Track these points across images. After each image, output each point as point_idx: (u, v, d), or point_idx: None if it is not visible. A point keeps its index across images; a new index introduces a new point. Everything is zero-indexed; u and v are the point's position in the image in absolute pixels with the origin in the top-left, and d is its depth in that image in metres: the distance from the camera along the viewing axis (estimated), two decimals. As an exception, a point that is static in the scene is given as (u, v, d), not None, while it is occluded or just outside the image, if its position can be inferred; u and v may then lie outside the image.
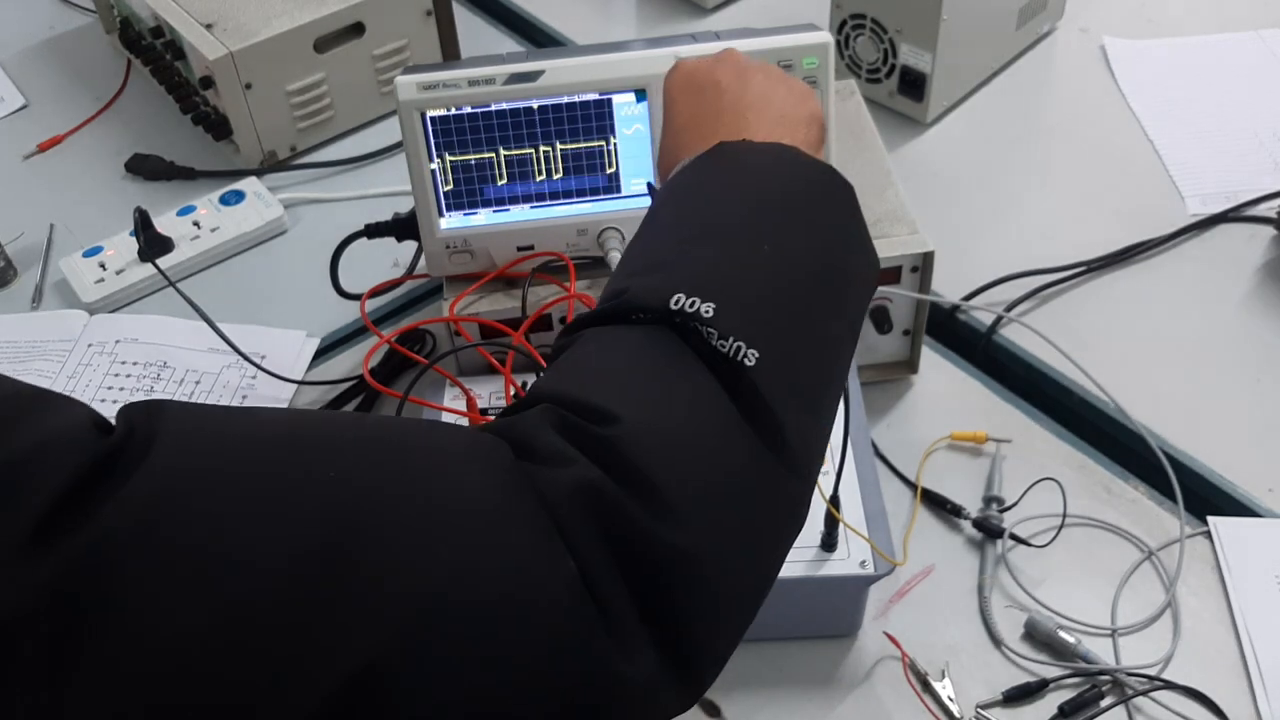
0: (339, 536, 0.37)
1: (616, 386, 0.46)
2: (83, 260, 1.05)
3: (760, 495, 0.46)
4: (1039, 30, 1.26)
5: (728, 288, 0.48)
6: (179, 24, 1.12)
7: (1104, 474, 0.86)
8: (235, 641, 0.35)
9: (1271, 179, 1.08)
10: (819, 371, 0.51)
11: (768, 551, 0.48)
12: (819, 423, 0.51)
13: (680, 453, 0.44)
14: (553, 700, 0.39)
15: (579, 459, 0.42)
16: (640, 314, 0.48)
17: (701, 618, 0.43)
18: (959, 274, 0.99)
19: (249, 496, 0.37)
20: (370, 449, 0.41)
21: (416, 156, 0.82)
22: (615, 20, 1.35)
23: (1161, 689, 0.73)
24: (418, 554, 0.38)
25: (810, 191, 0.55)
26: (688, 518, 0.43)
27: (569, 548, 0.40)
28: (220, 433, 0.39)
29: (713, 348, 0.46)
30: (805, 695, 0.74)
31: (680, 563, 0.42)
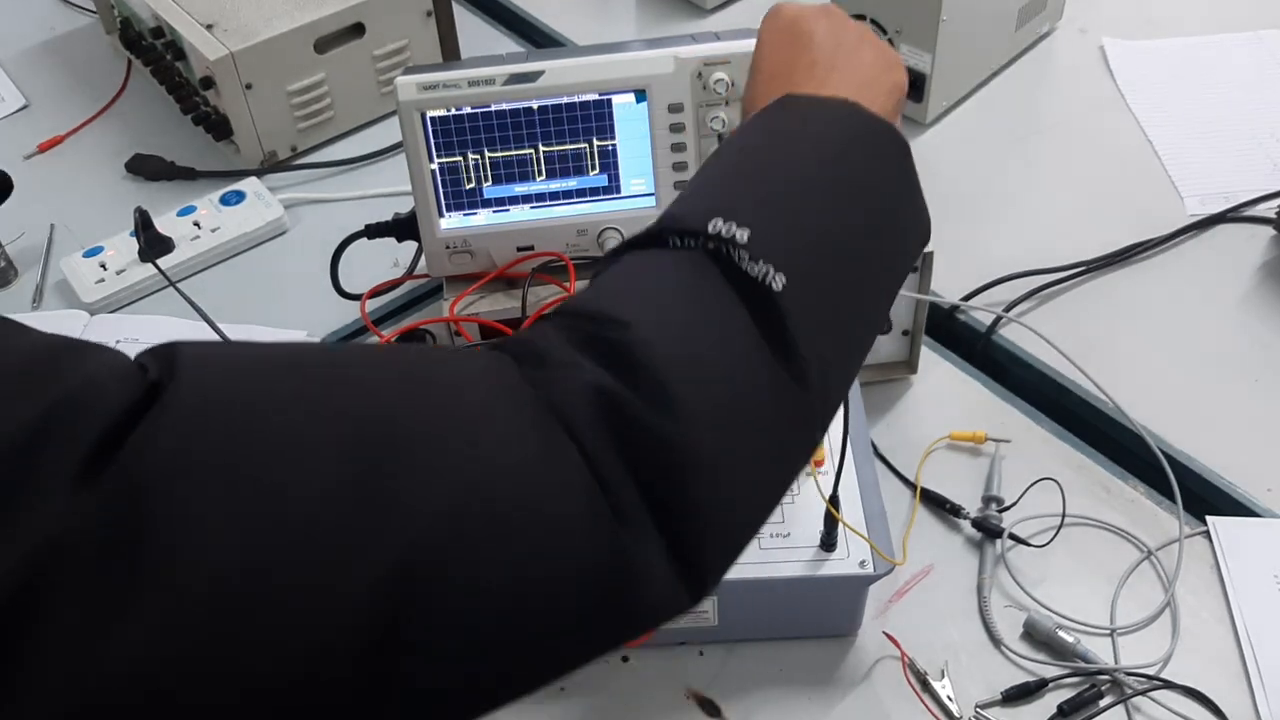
0: (372, 442, 0.39)
1: (633, 298, 0.48)
2: (83, 260, 1.05)
3: (770, 408, 0.47)
4: (1038, 31, 1.26)
5: (765, 216, 0.49)
6: (179, 24, 1.12)
7: (1103, 474, 0.86)
8: (284, 543, 0.36)
9: (1270, 179, 1.09)
10: (849, 309, 0.52)
11: (773, 465, 0.49)
12: (843, 358, 0.52)
13: (689, 356, 0.46)
14: (574, 582, 0.42)
15: (585, 363, 0.44)
16: (678, 237, 0.50)
17: (704, 513, 0.45)
18: (958, 274, 0.99)
19: (285, 412, 0.39)
20: (388, 368, 0.44)
21: (417, 157, 0.83)
22: (615, 21, 1.35)
23: (1160, 688, 0.73)
24: (441, 456, 0.40)
25: (865, 143, 0.56)
26: (693, 417, 0.44)
27: (576, 444, 0.42)
28: (249, 361, 0.41)
29: (743, 271, 0.47)
30: (805, 695, 0.75)
31: (684, 458, 0.44)
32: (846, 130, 0.56)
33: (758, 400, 0.47)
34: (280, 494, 0.37)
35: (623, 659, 0.77)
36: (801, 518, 0.74)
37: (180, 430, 0.36)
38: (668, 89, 0.81)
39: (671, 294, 0.48)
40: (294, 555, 0.36)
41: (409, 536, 0.38)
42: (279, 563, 0.36)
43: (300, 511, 0.37)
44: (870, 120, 0.56)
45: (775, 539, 0.73)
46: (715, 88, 0.81)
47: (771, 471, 0.49)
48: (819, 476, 0.74)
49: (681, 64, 0.81)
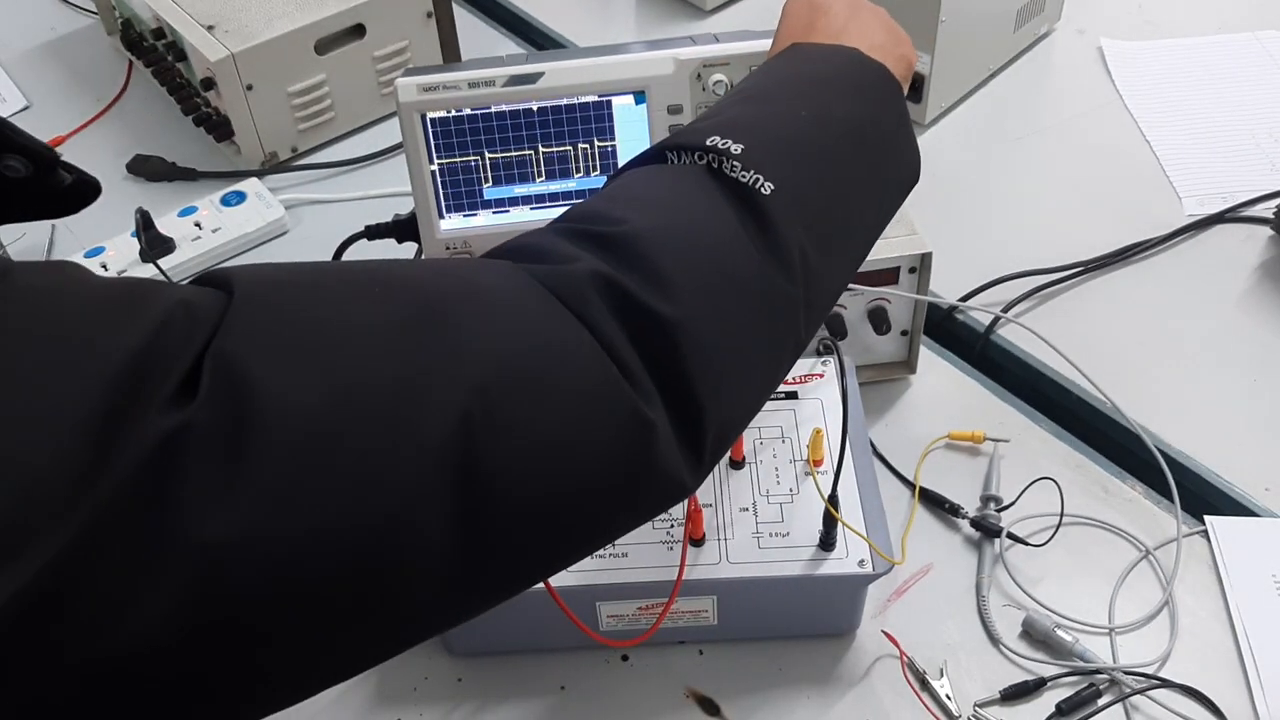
0: (418, 316, 0.44)
1: (630, 199, 0.53)
2: (84, 261, 1.05)
3: (758, 296, 0.51)
4: (1037, 32, 1.26)
5: (759, 133, 0.54)
6: (180, 25, 1.12)
7: (1101, 473, 0.86)
8: (361, 392, 0.41)
9: (1268, 179, 1.09)
10: (834, 222, 0.56)
11: (762, 350, 0.53)
12: (828, 265, 0.55)
13: (680, 245, 0.50)
14: (605, 435, 0.45)
15: (583, 254, 0.48)
16: (676, 152, 0.54)
17: (700, 384, 0.48)
18: (957, 274, 0.99)
19: (337, 298, 0.44)
20: (415, 266, 0.49)
21: (417, 158, 0.83)
22: (615, 22, 1.36)
23: (1159, 687, 0.73)
24: (479, 325, 0.44)
25: (858, 79, 0.61)
26: (685, 298, 0.48)
27: (583, 323, 0.46)
28: (294, 268, 0.45)
29: (733, 179, 0.52)
30: (804, 694, 0.75)
31: (679, 334, 0.47)
32: (842, 67, 0.61)
33: (746, 287, 0.51)
34: (350, 351, 0.41)
35: (623, 658, 0.77)
36: (800, 517, 0.74)
37: (251, 325, 0.40)
38: (667, 90, 0.82)
39: (664, 195, 0.53)
40: (371, 401, 0.41)
41: (468, 383, 0.42)
42: (360, 411, 0.40)
43: (369, 365, 0.41)
44: (866, 61, 0.61)
45: (774, 538, 0.73)
46: (715, 89, 0.81)
47: (760, 357, 0.53)
48: (818, 476, 0.75)
49: (681, 66, 0.81)
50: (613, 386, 0.46)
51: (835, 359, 0.82)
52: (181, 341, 0.39)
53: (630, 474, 0.47)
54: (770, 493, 0.76)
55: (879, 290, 0.87)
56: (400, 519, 0.40)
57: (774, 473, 0.77)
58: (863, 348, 0.91)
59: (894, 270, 0.87)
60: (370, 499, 0.40)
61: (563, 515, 0.46)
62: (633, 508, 0.49)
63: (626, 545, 0.73)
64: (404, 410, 0.41)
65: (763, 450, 0.78)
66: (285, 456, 0.38)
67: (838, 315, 0.88)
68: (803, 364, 0.82)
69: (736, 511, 0.75)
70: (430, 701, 0.76)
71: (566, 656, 0.77)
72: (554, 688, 0.76)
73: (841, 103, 0.59)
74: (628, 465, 0.46)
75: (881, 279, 0.87)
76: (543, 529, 0.45)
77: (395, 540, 0.40)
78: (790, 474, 0.77)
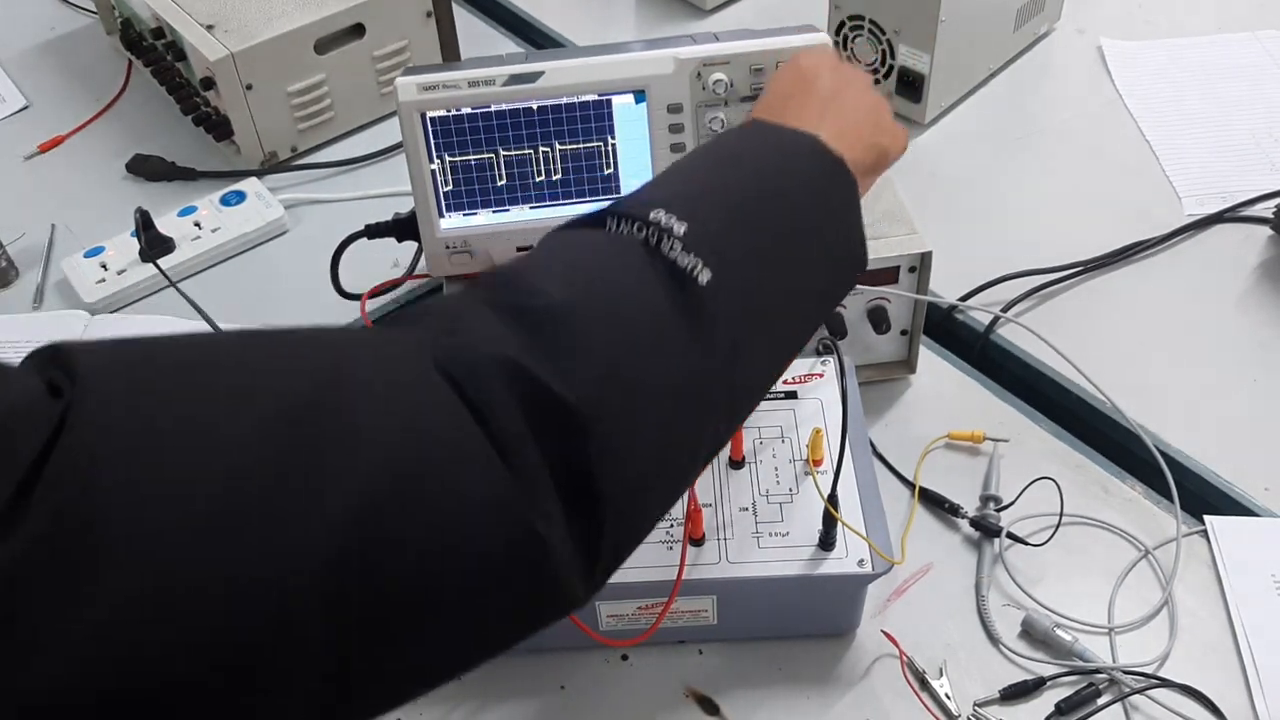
0: (292, 428, 0.39)
1: (556, 269, 0.49)
2: (84, 260, 1.05)
3: (680, 390, 0.49)
4: (1036, 31, 1.27)
5: (705, 216, 0.51)
6: (180, 25, 1.12)
7: (1101, 473, 0.86)
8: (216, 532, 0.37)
9: (1267, 179, 1.09)
10: (769, 316, 0.54)
11: (677, 444, 0.50)
12: (759, 361, 0.54)
13: (607, 332, 0.47)
14: (488, 556, 0.42)
15: (497, 327, 0.45)
16: (617, 220, 0.51)
17: (605, 480, 0.45)
18: (956, 274, 0.99)
19: (196, 409, 0.39)
20: (295, 352, 0.44)
21: (416, 157, 0.83)
22: (614, 22, 1.36)
23: (1158, 687, 0.73)
24: (354, 437, 0.40)
25: (811, 171, 0.58)
26: (605, 391, 0.45)
27: (480, 416, 0.43)
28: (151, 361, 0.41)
29: (671, 260, 0.49)
30: (803, 693, 0.75)
31: (586, 423, 0.44)
32: (798, 156, 0.58)
33: (669, 383, 0.48)
34: (204, 487, 0.37)
35: (622, 657, 0.77)
36: (800, 517, 0.74)
37: (93, 451, 0.36)
38: (667, 89, 0.82)
39: (597, 270, 0.50)
40: (234, 526, 0.37)
41: (342, 502, 0.39)
42: (220, 540, 0.37)
43: (226, 502, 0.37)
44: (823, 153, 0.59)
45: (774, 538, 0.73)
46: (714, 88, 0.81)
47: (675, 451, 0.50)
48: (818, 476, 0.75)
49: (681, 65, 0.81)
50: (505, 502, 0.43)
51: (835, 358, 0.82)
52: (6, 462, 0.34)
53: (516, 585, 0.44)
54: (770, 492, 0.76)
55: (879, 290, 0.87)
56: (263, 657, 0.37)
57: (774, 472, 0.77)
58: (862, 347, 0.91)
59: (894, 270, 0.87)
60: (228, 638, 0.37)
61: (444, 632, 0.43)
62: (521, 623, 0.46)
63: (626, 545, 0.73)
64: (270, 535, 0.37)
65: (762, 450, 0.78)
66: (132, 599, 0.35)
67: (837, 315, 0.88)
68: (802, 364, 0.82)
69: (736, 511, 0.75)
70: (429, 701, 0.75)
71: (566, 656, 0.77)
72: (554, 687, 0.76)
73: (792, 193, 0.57)
74: (516, 583, 0.44)
75: (881, 278, 0.87)
76: (422, 647, 0.42)
77: (256, 679, 0.37)
78: (790, 474, 0.77)
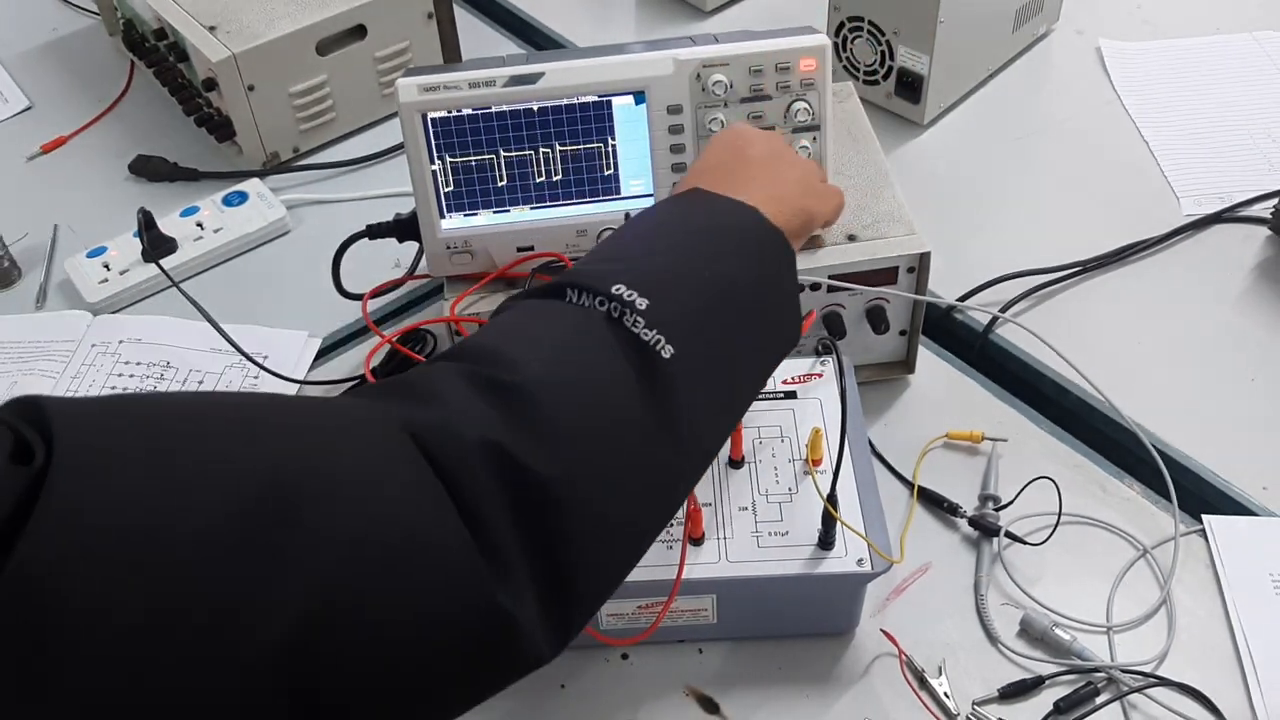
0: (259, 515, 0.40)
1: (527, 344, 0.51)
2: (86, 261, 1.06)
3: (646, 463, 0.51)
4: (1035, 32, 1.27)
5: (664, 291, 0.54)
6: (182, 26, 1.12)
7: (1099, 473, 0.86)
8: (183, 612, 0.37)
9: (1265, 179, 1.09)
10: (722, 385, 0.57)
11: (643, 512, 0.53)
12: (714, 427, 0.57)
13: (579, 409, 0.49)
14: (455, 635, 0.44)
15: (473, 402, 0.47)
16: (577, 292, 0.53)
17: (577, 549, 0.47)
18: (955, 274, 1.00)
19: (168, 482, 0.39)
20: (265, 430, 0.44)
21: (417, 158, 0.83)
22: (615, 23, 1.36)
23: (1156, 686, 0.74)
24: (326, 510, 0.41)
25: (755, 244, 0.61)
26: (572, 461, 0.47)
27: (453, 491, 0.44)
28: (127, 429, 0.41)
29: (635, 335, 0.52)
30: (803, 692, 0.75)
31: (560, 498, 0.46)
32: (742, 230, 0.61)
33: (634, 454, 0.51)
34: (174, 567, 0.37)
35: (623, 656, 0.77)
36: (799, 516, 0.74)
37: (65, 525, 0.36)
38: (667, 91, 0.82)
39: (564, 344, 0.52)
40: (192, 615, 0.37)
41: (308, 585, 0.39)
42: (183, 631, 0.37)
43: (192, 575, 0.38)
44: (765, 226, 0.61)
45: (773, 537, 0.73)
46: (714, 89, 0.82)
47: (641, 518, 0.53)
48: (817, 475, 0.75)
49: (681, 66, 0.81)
50: (474, 579, 0.44)
51: (834, 358, 0.82)
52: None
53: (483, 665, 0.46)
54: (769, 492, 0.76)
55: (877, 290, 0.88)
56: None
57: (773, 472, 0.77)
58: (861, 347, 0.91)
59: (892, 270, 0.87)
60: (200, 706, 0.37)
61: (409, 702, 0.44)
62: (482, 692, 0.48)
63: (626, 544, 0.73)
64: (234, 625, 0.38)
65: (762, 449, 0.78)
66: (92, 690, 0.35)
67: (837, 315, 0.89)
68: (802, 364, 0.83)
69: (736, 511, 0.75)
70: (431, 699, 0.76)
71: (566, 655, 0.76)
72: (554, 686, 0.76)
73: (740, 267, 0.59)
74: (481, 657, 0.45)
75: (880, 279, 0.87)
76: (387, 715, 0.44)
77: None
78: (789, 473, 0.77)
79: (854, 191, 0.90)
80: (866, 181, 0.91)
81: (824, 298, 0.88)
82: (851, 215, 0.88)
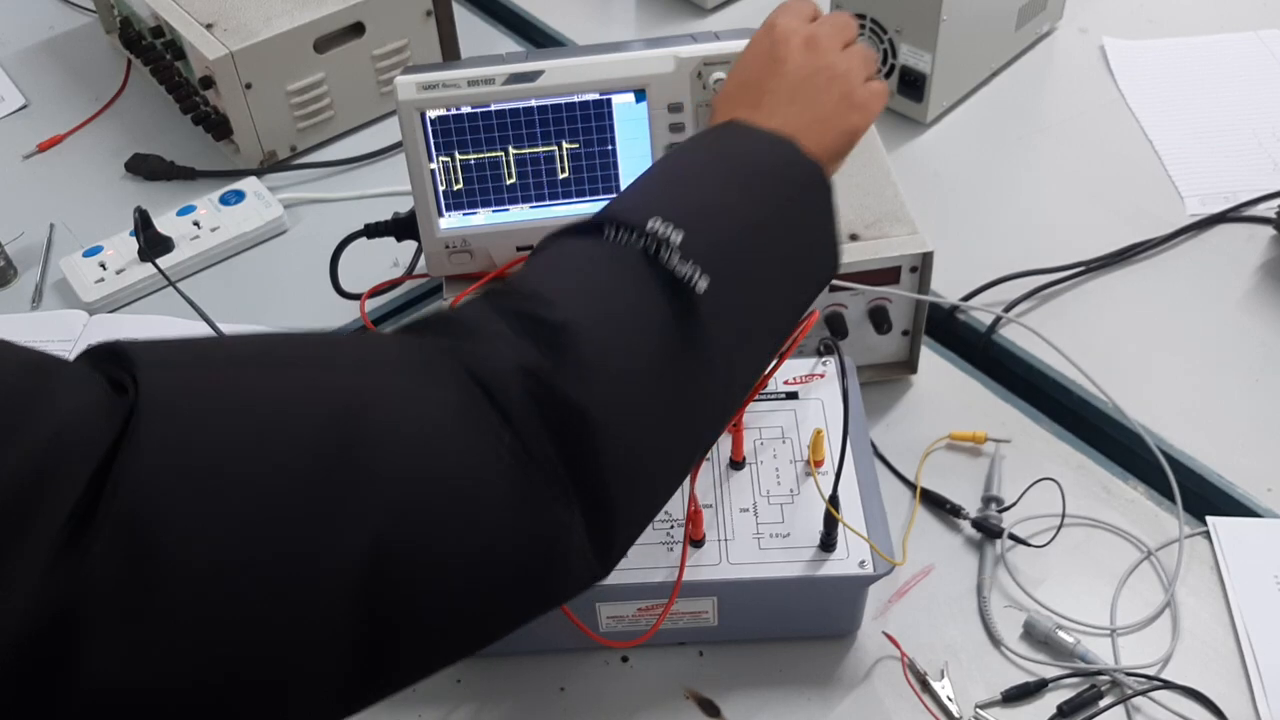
0: (329, 436, 0.42)
1: (564, 280, 0.53)
2: (83, 260, 1.05)
3: (680, 394, 0.52)
4: (1038, 30, 1.26)
5: (700, 225, 0.54)
6: (179, 24, 1.12)
7: (1103, 474, 0.86)
8: (270, 534, 0.40)
9: (1270, 179, 1.09)
10: (757, 319, 0.58)
11: (678, 444, 0.54)
12: (749, 360, 0.58)
13: (614, 343, 0.50)
14: (513, 546, 0.46)
15: (511, 336, 0.48)
16: (615, 229, 0.54)
17: (614, 477, 0.49)
18: (958, 274, 0.99)
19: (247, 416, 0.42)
20: (330, 359, 0.47)
21: (416, 156, 0.82)
22: (615, 21, 1.36)
23: (1160, 689, 0.73)
24: (393, 440, 0.43)
25: (792, 179, 0.61)
26: (607, 391, 0.49)
27: (501, 414, 0.46)
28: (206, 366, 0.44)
29: (670, 270, 0.52)
30: (804, 695, 0.75)
31: (596, 427, 0.48)
32: (779, 166, 0.61)
33: (669, 384, 0.52)
34: (259, 490, 0.40)
35: (623, 659, 0.77)
36: (801, 518, 0.74)
37: (156, 458, 0.38)
38: (667, 88, 0.81)
39: (600, 280, 0.53)
40: (280, 542, 0.40)
41: (380, 509, 0.42)
42: (266, 554, 0.39)
43: (278, 503, 0.40)
44: (802, 160, 0.61)
45: (775, 539, 0.73)
46: (715, 87, 0.81)
47: (675, 455, 0.54)
48: (819, 476, 0.74)
49: (681, 64, 0.81)
50: (529, 490, 0.46)
51: (836, 359, 0.81)
52: (73, 468, 0.36)
53: (542, 577, 0.48)
54: (771, 493, 0.75)
55: (880, 290, 0.87)
56: (304, 655, 0.40)
57: (774, 473, 0.76)
58: (864, 347, 0.91)
59: (895, 270, 0.86)
60: (272, 640, 0.40)
61: (469, 622, 0.46)
62: (541, 604, 0.50)
63: (626, 546, 0.73)
64: (311, 548, 0.40)
65: (763, 451, 0.78)
66: (187, 608, 0.38)
67: (839, 315, 0.88)
68: (804, 364, 0.82)
69: (737, 512, 0.74)
70: (429, 702, 0.75)
71: (566, 657, 0.77)
72: (553, 688, 0.76)
73: (776, 203, 0.59)
74: (540, 569, 0.47)
75: (882, 279, 0.87)
76: (443, 645, 0.46)
77: (290, 685, 0.40)
78: (791, 474, 0.76)
79: (856, 191, 0.89)
80: (868, 180, 0.91)
81: (826, 298, 0.87)
82: (853, 214, 0.88)
